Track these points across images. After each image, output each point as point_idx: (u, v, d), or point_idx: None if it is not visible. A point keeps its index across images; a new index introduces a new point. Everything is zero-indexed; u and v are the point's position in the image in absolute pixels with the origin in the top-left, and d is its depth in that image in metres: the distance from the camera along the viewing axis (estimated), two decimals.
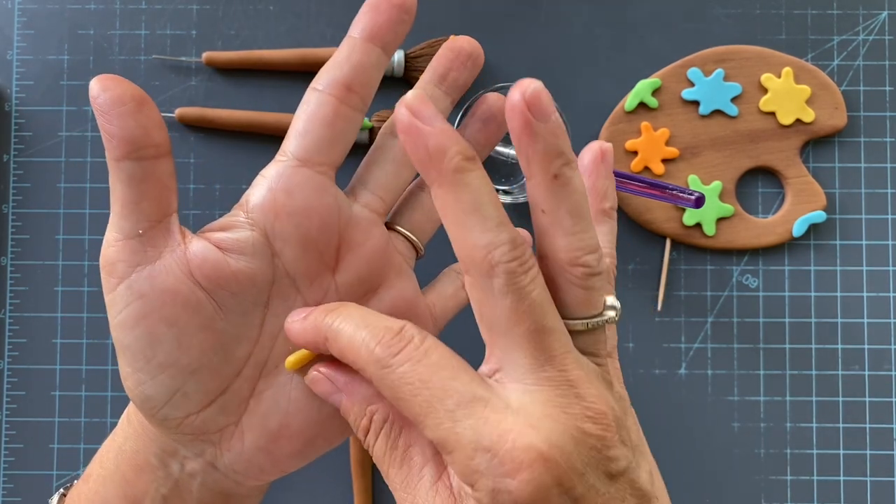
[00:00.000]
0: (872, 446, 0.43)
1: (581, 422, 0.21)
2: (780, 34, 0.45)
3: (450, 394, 0.21)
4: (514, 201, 0.41)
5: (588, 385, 0.22)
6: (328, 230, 0.25)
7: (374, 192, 0.27)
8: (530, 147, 0.22)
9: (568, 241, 0.23)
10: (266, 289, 0.25)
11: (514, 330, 0.21)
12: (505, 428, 0.20)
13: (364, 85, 0.25)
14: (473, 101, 0.39)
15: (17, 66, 0.45)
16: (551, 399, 0.21)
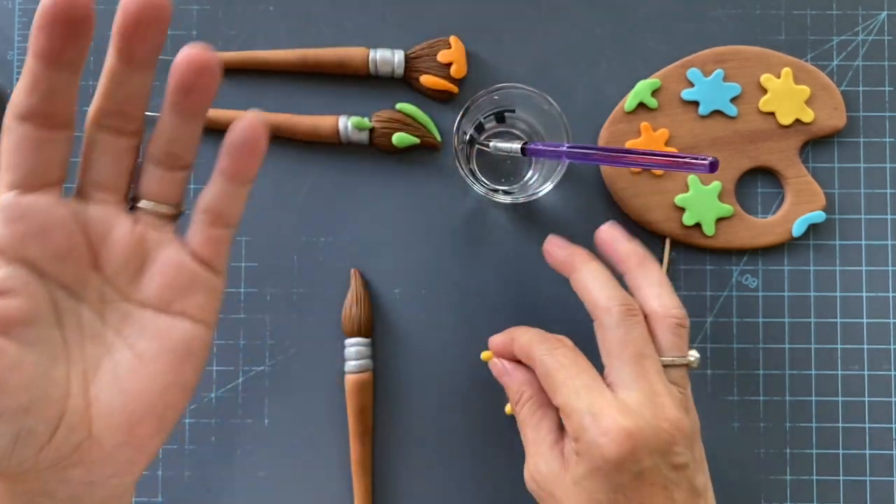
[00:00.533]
0: (872, 446, 0.43)
1: (659, 421, 0.31)
2: (779, 34, 0.45)
3: (581, 379, 0.32)
4: (513, 201, 0.41)
5: (669, 399, 0.32)
6: (74, 236, 0.26)
7: (102, 187, 0.27)
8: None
9: (659, 303, 0.35)
10: (51, 308, 0.26)
11: (623, 353, 0.33)
12: (608, 407, 0.31)
13: (59, 105, 0.26)
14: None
15: (17, 66, 0.45)
16: (642, 402, 0.31)
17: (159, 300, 0.27)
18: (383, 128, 0.43)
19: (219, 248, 0.29)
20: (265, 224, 0.44)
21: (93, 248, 0.27)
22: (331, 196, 0.44)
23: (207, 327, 0.28)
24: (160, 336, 0.27)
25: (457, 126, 0.40)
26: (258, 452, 0.44)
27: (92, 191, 0.28)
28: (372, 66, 0.44)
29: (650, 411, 0.31)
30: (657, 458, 0.31)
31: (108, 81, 0.27)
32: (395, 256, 0.44)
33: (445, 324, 0.44)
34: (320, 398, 0.44)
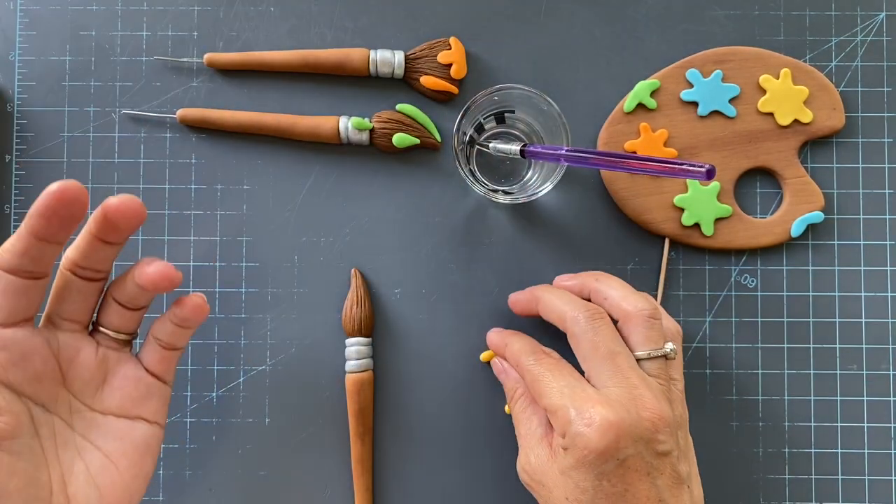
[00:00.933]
0: (870, 445, 0.44)
1: (640, 411, 0.33)
2: (778, 35, 0.45)
3: (564, 380, 0.35)
4: (513, 201, 0.41)
5: (647, 391, 0.34)
6: (48, 361, 0.31)
7: (71, 319, 0.33)
8: None
9: (627, 303, 0.37)
10: (30, 422, 0.31)
11: (596, 354, 0.35)
12: (590, 401, 0.33)
13: (44, 265, 0.30)
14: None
15: (19, 66, 0.45)
16: (621, 395, 0.33)
17: (120, 408, 0.33)
18: (383, 128, 0.43)
19: (169, 364, 0.35)
20: (265, 224, 0.44)
21: (62, 369, 0.32)
22: (331, 196, 0.45)
23: (160, 427, 0.35)
24: (123, 437, 0.33)
25: (457, 126, 0.40)
26: (259, 452, 0.44)
27: (61, 321, 0.33)
28: (372, 66, 0.44)
29: (630, 402, 0.33)
30: (640, 446, 0.32)
31: (86, 246, 0.31)
32: (395, 256, 0.44)
33: (445, 324, 0.44)
34: (321, 397, 0.44)
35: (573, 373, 0.36)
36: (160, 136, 0.45)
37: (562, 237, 0.44)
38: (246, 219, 0.45)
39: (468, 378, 0.44)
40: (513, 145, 0.40)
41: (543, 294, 0.39)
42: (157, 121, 0.45)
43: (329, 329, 0.44)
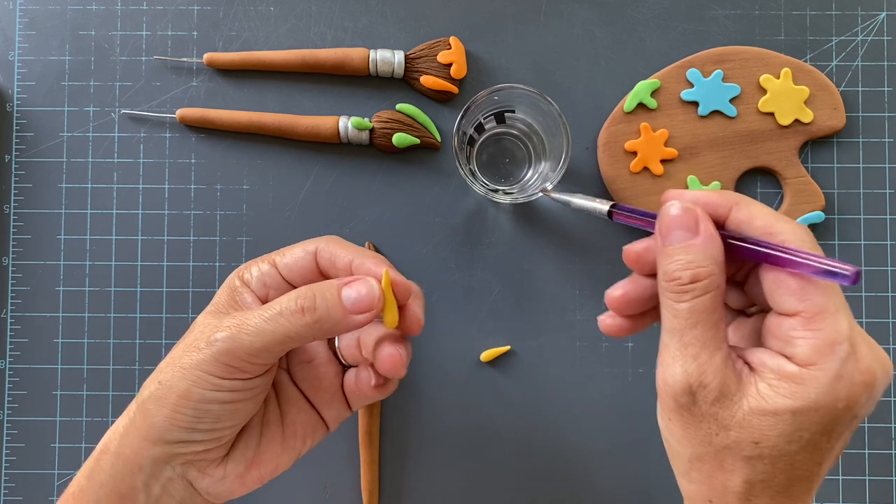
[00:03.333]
0: (871, 446, 0.44)
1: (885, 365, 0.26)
2: (778, 35, 0.45)
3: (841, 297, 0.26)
4: (513, 201, 0.41)
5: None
6: None
7: None
8: None
9: None
10: None
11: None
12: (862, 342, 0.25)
13: None
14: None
15: (18, 66, 0.45)
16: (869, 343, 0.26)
17: (313, 398, 0.36)
18: (383, 128, 0.43)
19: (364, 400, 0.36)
20: (265, 224, 0.44)
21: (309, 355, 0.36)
22: (331, 196, 0.45)
23: (327, 430, 0.36)
24: (302, 413, 0.35)
25: (457, 126, 0.40)
26: None
27: None
28: (372, 66, 0.44)
29: (881, 357, 0.26)
30: (870, 409, 0.26)
31: None
32: (395, 256, 0.44)
33: (445, 323, 0.44)
34: None
35: None
36: (160, 136, 0.45)
37: (562, 237, 0.44)
38: (246, 219, 0.45)
39: (468, 378, 0.44)
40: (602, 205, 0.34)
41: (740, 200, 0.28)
42: (156, 121, 0.45)
43: None
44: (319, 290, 0.31)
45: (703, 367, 0.26)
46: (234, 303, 0.33)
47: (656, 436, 0.44)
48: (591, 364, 0.44)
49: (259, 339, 0.30)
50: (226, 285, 0.33)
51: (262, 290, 0.33)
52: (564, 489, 0.43)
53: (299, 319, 0.30)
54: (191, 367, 0.30)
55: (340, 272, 0.33)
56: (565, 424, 0.44)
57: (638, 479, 0.43)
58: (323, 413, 0.36)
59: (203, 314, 0.32)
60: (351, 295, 0.31)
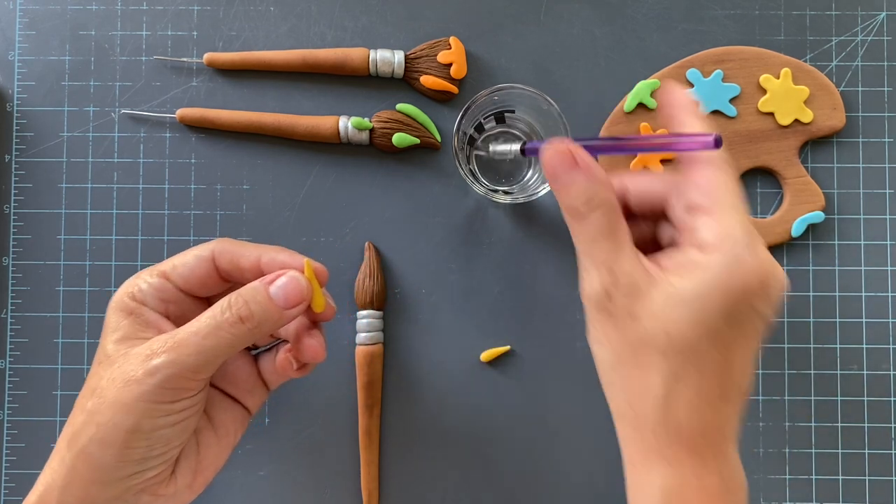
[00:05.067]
0: (871, 446, 0.44)
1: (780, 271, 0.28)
2: (778, 35, 0.45)
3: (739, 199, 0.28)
4: (513, 201, 0.41)
5: None
6: None
7: None
8: None
9: None
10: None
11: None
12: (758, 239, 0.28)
13: None
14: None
15: (18, 66, 0.45)
16: None
17: (234, 391, 0.36)
18: (383, 128, 0.43)
19: (281, 379, 0.37)
20: (265, 224, 0.44)
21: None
22: (331, 196, 0.45)
23: (251, 414, 0.37)
24: (227, 411, 0.36)
25: (457, 126, 0.40)
26: (259, 452, 0.44)
27: None
28: (372, 66, 0.44)
29: (775, 263, 0.28)
30: (767, 309, 0.28)
31: None
32: (395, 256, 0.44)
33: (445, 324, 0.44)
34: (322, 396, 0.44)
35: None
36: (160, 136, 0.45)
37: (562, 237, 0.44)
38: (246, 219, 0.45)
39: (468, 378, 0.44)
40: (512, 145, 0.40)
41: None
42: (156, 120, 0.45)
43: (332, 329, 0.44)
44: (249, 295, 0.31)
45: (613, 269, 0.29)
46: (140, 324, 0.32)
47: None
48: (591, 364, 0.44)
49: (202, 357, 0.30)
50: (117, 308, 0.32)
51: (160, 305, 0.33)
52: (564, 489, 0.43)
53: (239, 328, 0.31)
54: (135, 401, 0.29)
55: (247, 272, 0.33)
56: (565, 424, 0.44)
57: None
58: (245, 402, 0.36)
59: (110, 343, 0.31)
60: (279, 293, 0.32)
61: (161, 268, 0.33)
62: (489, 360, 0.44)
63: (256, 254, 0.34)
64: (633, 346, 0.28)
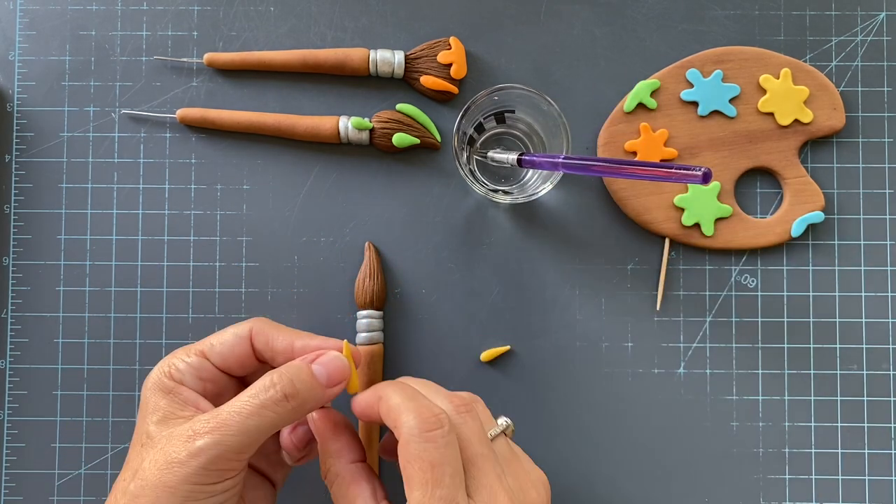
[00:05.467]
0: (870, 445, 0.44)
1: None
2: (778, 35, 0.45)
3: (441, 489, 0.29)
4: (513, 202, 0.41)
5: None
6: None
7: None
8: None
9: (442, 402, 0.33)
10: None
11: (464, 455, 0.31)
12: None
13: None
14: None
15: (18, 66, 0.45)
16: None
17: None
18: (383, 128, 0.43)
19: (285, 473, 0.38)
20: (266, 224, 0.44)
21: None
22: (331, 196, 0.45)
23: None
24: None
25: (457, 126, 0.40)
26: None
27: None
28: (372, 66, 0.44)
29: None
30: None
31: None
32: (395, 256, 0.44)
33: (445, 324, 0.44)
34: None
35: (456, 473, 0.30)
36: (160, 136, 0.45)
37: (562, 237, 0.44)
38: (246, 219, 0.45)
39: (468, 378, 0.44)
40: (510, 154, 0.40)
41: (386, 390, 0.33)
42: (156, 121, 0.45)
43: (332, 329, 0.44)
44: (293, 373, 0.32)
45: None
46: (179, 404, 0.32)
47: (654, 434, 0.44)
48: (591, 364, 0.44)
49: (245, 437, 0.30)
50: (155, 387, 0.32)
51: (198, 384, 0.33)
52: (563, 489, 0.43)
53: (283, 407, 0.31)
54: (178, 484, 0.29)
55: (279, 355, 0.34)
56: (565, 424, 0.44)
57: (637, 479, 0.43)
58: (273, 477, 0.36)
59: (151, 424, 0.31)
60: (322, 371, 0.32)
61: (199, 347, 0.34)
62: (489, 360, 0.44)
63: (290, 338, 0.34)
64: None
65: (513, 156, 0.40)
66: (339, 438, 0.34)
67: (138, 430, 0.32)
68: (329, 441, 0.34)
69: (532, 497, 0.31)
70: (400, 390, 0.32)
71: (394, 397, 0.31)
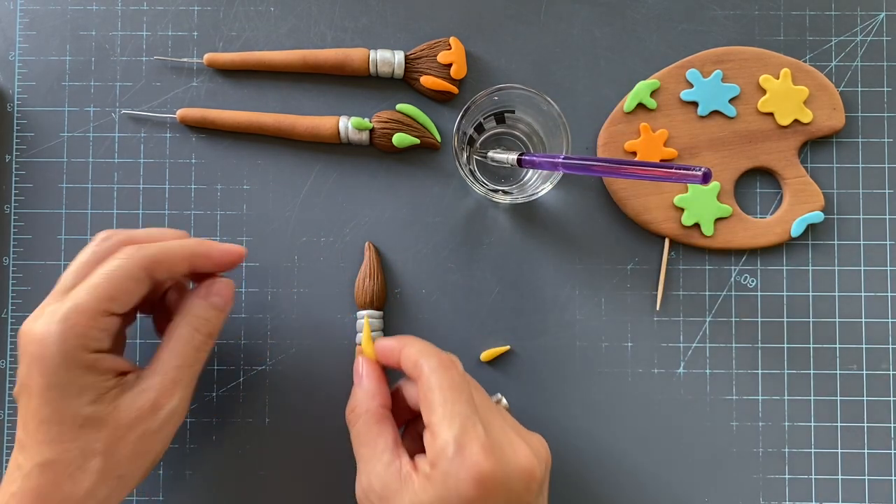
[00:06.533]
0: (870, 445, 0.44)
1: (518, 460, 0.32)
2: (778, 35, 0.45)
3: (459, 405, 0.32)
4: (513, 202, 0.41)
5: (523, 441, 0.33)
6: None
7: None
8: None
9: None
10: None
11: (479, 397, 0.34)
12: (476, 441, 0.31)
13: None
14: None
15: (18, 66, 0.45)
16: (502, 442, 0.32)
17: None
18: (383, 128, 0.43)
19: None
20: (266, 224, 0.44)
21: None
22: (331, 196, 0.45)
23: None
24: None
25: (457, 127, 0.40)
26: (259, 452, 0.44)
27: None
28: (372, 66, 0.44)
29: (510, 450, 0.32)
30: (510, 497, 0.31)
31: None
32: (395, 256, 0.44)
33: (445, 324, 0.44)
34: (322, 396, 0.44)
35: (471, 399, 0.33)
36: (160, 136, 0.45)
37: (562, 237, 0.44)
38: (246, 219, 0.45)
39: None
40: (510, 154, 0.40)
41: (406, 340, 0.36)
42: (157, 121, 0.45)
43: (332, 329, 0.44)
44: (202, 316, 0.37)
45: (369, 473, 0.33)
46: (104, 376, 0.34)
47: (654, 434, 0.44)
48: (591, 364, 0.44)
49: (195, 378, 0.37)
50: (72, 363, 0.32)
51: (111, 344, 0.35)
52: (563, 489, 0.43)
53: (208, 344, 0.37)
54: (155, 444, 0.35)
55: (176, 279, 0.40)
56: (565, 424, 0.44)
57: (637, 479, 0.43)
58: None
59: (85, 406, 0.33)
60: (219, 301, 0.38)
61: (93, 306, 0.32)
62: (489, 360, 0.44)
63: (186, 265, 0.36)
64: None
65: (513, 156, 0.40)
66: (379, 384, 0.36)
67: (58, 412, 0.32)
68: (371, 381, 0.36)
69: (534, 445, 0.34)
70: (419, 341, 0.36)
71: (414, 345, 0.35)
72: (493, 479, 0.30)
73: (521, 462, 0.32)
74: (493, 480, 0.30)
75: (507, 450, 0.32)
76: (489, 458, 0.30)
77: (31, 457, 0.32)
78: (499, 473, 0.31)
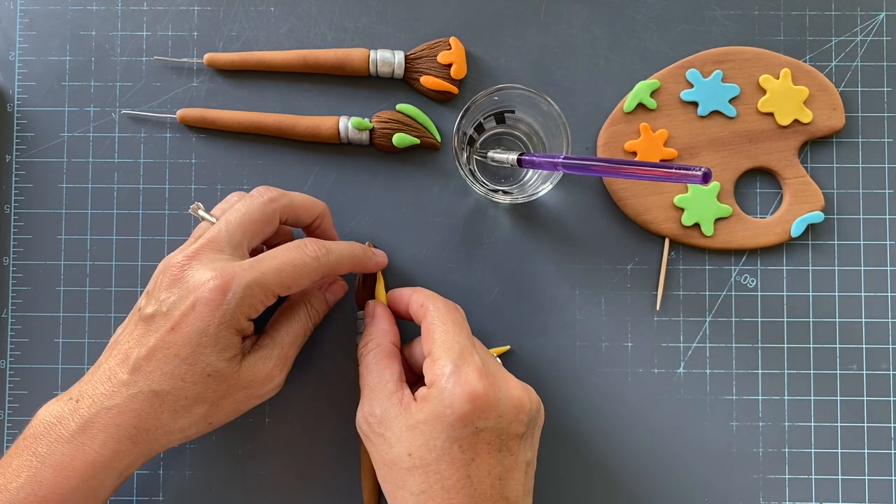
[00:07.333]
0: (870, 445, 0.44)
1: (509, 390, 0.34)
2: (778, 35, 0.45)
3: (459, 337, 0.35)
4: (513, 202, 0.41)
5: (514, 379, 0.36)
6: None
7: None
8: None
9: None
10: None
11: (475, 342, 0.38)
12: (471, 365, 0.34)
13: None
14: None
15: (19, 66, 0.45)
16: (496, 372, 0.35)
17: None
18: (383, 128, 0.43)
19: None
20: None
21: None
22: (331, 196, 0.45)
23: None
24: None
25: (457, 127, 0.40)
26: (259, 452, 0.44)
27: None
28: (372, 66, 0.44)
29: (502, 381, 0.35)
30: (500, 423, 0.33)
31: None
32: (395, 256, 0.44)
33: None
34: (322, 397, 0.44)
35: (471, 336, 0.37)
36: (160, 136, 0.45)
37: (562, 237, 0.44)
38: None
39: None
40: (510, 155, 0.40)
41: (416, 289, 0.40)
42: (157, 121, 0.45)
43: (332, 329, 0.44)
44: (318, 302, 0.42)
45: (372, 400, 0.36)
46: (242, 342, 0.36)
47: (656, 436, 0.44)
48: (591, 364, 0.44)
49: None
50: (230, 325, 0.35)
51: None
52: (563, 489, 0.43)
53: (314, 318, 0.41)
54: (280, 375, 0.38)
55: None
56: (565, 425, 0.44)
57: (637, 479, 0.43)
58: None
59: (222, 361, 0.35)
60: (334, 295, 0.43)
61: (272, 288, 0.35)
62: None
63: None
64: (388, 466, 0.34)
65: (513, 156, 0.40)
66: (391, 324, 0.40)
67: (198, 356, 0.34)
68: (383, 321, 0.39)
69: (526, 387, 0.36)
70: (427, 291, 0.39)
71: (423, 292, 0.39)
72: (486, 399, 0.33)
73: (513, 392, 0.34)
74: (485, 399, 0.33)
75: (500, 381, 0.34)
76: (483, 380, 0.33)
77: (147, 382, 0.34)
78: (491, 395, 0.33)
